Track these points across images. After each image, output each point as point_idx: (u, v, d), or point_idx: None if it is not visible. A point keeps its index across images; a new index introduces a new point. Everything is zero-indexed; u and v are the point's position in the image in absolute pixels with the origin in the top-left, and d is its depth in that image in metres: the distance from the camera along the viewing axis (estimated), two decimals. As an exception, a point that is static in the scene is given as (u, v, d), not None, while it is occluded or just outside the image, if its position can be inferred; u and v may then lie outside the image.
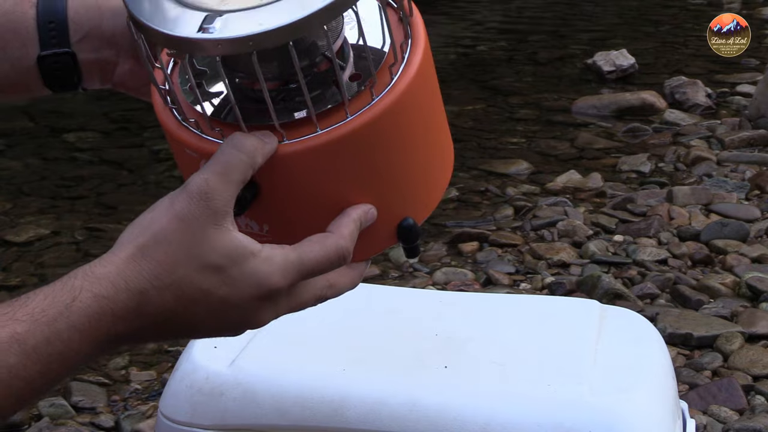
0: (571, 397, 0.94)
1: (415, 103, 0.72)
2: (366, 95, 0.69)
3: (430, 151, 0.77)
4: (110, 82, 0.79)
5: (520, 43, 5.74)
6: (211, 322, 0.66)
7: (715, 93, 4.52)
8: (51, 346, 0.61)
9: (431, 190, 0.78)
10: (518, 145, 4.04)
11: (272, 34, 0.63)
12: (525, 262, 2.86)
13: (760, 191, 3.35)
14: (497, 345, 1.01)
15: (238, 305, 0.66)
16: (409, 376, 0.96)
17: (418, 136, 0.74)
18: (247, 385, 0.98)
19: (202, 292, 0.64)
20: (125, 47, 0.77)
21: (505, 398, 0.94)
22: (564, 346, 1.02)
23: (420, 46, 0.71)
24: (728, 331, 2.38)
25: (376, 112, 0.69)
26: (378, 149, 0.70)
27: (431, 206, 0.78)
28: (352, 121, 0.68)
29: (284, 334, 1.05)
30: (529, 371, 0.98)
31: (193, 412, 0.98)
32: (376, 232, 0.73)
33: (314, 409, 0.96)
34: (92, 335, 0.62)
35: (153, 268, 0.63)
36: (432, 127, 0.76)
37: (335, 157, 0.69)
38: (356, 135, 0.68)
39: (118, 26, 0.76)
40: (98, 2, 0.77)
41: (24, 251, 3.14)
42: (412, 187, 0.75)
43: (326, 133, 0.68)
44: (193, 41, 0.64)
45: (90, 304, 0.62)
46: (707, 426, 2.06)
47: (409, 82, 0.70)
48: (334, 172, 0.70)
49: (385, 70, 0.69)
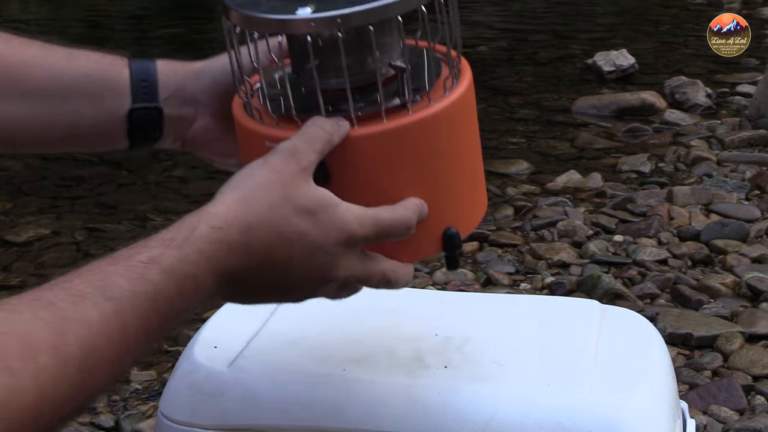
0: (571, 397, 0.94)
1: (463, 115, 0.84)
2: (425, 101, 0.81)
3: (473, 169, 0.87)
4: (183, 139, 0.91)
5: (520, 43, 5.74)
6: (301, 266, 0.74)
7: (715, 93, 4.52)
8: (183, 266, 0.68)
9: (473, 208, 0.88)
10: (518, 145, 4.04)
11: (357, 15, 0.75)
12: (525, 262, 2.86)
13: (760, 191, 3.35)
14: (497, 345, 1.01)
15: (325, 248, 0.75)
16: (409, 376, 0.96)
17: (465, 148, 0.85)
18: (247, 385, 0.98)
19: (298, 233, 0.73)
20: (203, 105, 0.89)
21: (505, 398, 0.94)
22: (564, 346, 1.02)
23: (467, 76, 0.85)
24: (728, 331, 2.38)
25: (434, 111, 0.80)
26: (432, 146, 0.81)
27: (472, 224, 0.88)
28: (413, 116, 0.79)
29: (284, 334, 1.05)
30: (529, 371, 0.97)
31: (193, 412, 0.98)
32: (424, 235, 0.82)
33: (314, 409, 0.96)
34: (213, 264, 0.69)
35: (257, 208, 0.72)
36: (475, 151, 0.87)
37: (397, 145, 0.79)
38: (416, 127, 0.79)
39: (199, 87, 0.89)
40: (182, 66, 0.90)
41: (24, 251, 3.14)
42: (459, 197, 0.85)
43: (390, 122, 0.79)
44: (288, 21, 0.76)
45: (208, 234, 0.69)
46: (707, 426, 2.06)
47: (460, 95, 0.82)
48: (395, 161, 0.80)
49: (440, 85, 0.82)
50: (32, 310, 0.60)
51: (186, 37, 6.51)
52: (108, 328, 0.62)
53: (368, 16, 0.76)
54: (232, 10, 0.79)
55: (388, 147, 0.79)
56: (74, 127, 0.87)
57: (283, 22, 0.77)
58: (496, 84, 4.89)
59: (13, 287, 2.85)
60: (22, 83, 0.85)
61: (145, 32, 6.91)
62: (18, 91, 0.85)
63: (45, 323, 0.60)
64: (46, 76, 0.85)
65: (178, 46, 6.27)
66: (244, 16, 0.78)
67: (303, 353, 1.02)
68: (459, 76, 0.84)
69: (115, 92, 0.86)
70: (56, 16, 7.74)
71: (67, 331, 0.60)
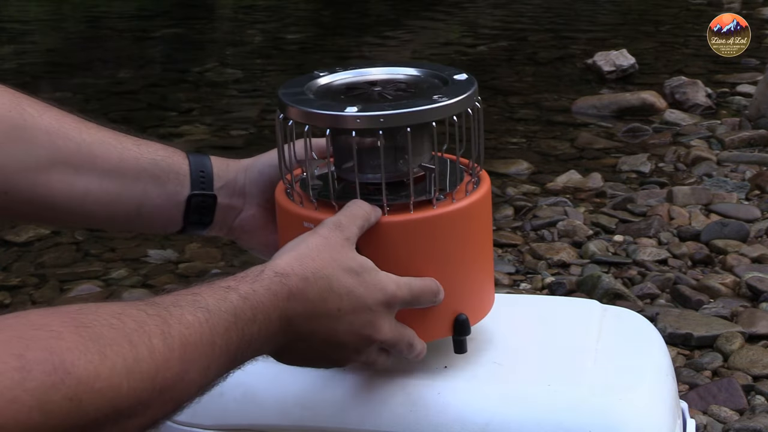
0: (571, 397, 0.94)
1: (480, 216, 0.95)
2: (448, 200, 0.93)
3: (485, 265, 0.98)
4: (230, 227, 1.02)
5: (520, 43, 5.75)
6: (348, 321, 0.83)
7: (715, 93, 4.53)
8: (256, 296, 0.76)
9: (482, 299, 0.98)
10: (518, 145, 4.04)
11: (397, 116, 0.88)
12: (525, 262, 2.86)
13: (760, 191, 3.35)
14: (497, 345, 1.01)
15: (369, 306, 0.84)
16: (409, 376, 0.96)
17: (479, 245, 0.96)
18: (248, 385, 0.98)
19: (346, 288, 0.83)
20: (250, 196, 1.01)
21: (505, 398, 0.94)
22: (564, 347, 1.02)
23: (486, 185, 0.96)
24: (728, 331, 2.38)
25: (456, 208, 0.92)
26: (451, 238, 0.92)
27: (481, 314, 0.98)
28: (436, 210, 0.91)
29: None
30: (529, 371, 0.97)
31: (193, 412, 0.98)
32: (437, 319, 0.93)
33: (315, 409, 0.96)
34: (277, 302, 0.78)
35: (311, 264, 0.82)
36: (487, 250, 0.98)
37: (420, 234, 0.91)
38: (439, 219, 0.91)
39: (248, 180, 1.01)
40: (234, 162, 1.02)
41: (24, 251, 3.14)
42: (471, 287, 0.96)
43: (416, 213, 0.91)
44: (339, 117, 0.88)
45: (272, 277, 0.79)
46: (707, 426, 2.06)
47: (479, 197, 0.94)
48: (418, 248, 0.91)
49: (462, 189, 0.94)
50: (138, 306, 0.67)
51: (186, 37, 6.51)
52: (200, 331, 0.70)
53: (407, 117, 0.88)
54: (290, 106, 0.91)
55: (413, 234, 0.91)
56: (141, 205, 0.97)
57: (334, 117, 0.89)
58: (496, 84, 4.89)
59: (13, 287, 2.85)
60: (102, 160, 0.94)
61: (146, 32, 6.91)
62: (99, 168, 0.94)
63: (151, 316, 0.67)
64: (120, 158, 0.95)
65: (178, 46, 6.27)
66: (301, 111, 0.90)
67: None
68: (479, 183, 0.96)
69: (178, 179, 0.97)
70: (56, 16, 7.74)
71: (170, 324, 0.67)
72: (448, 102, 0.90)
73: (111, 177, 0.95)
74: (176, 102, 4.87)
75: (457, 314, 0.94)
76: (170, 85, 5.13)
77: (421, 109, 0.89)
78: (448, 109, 0.91)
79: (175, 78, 5.28)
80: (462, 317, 0.94)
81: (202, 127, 4.49)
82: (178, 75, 5.33)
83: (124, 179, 0.95)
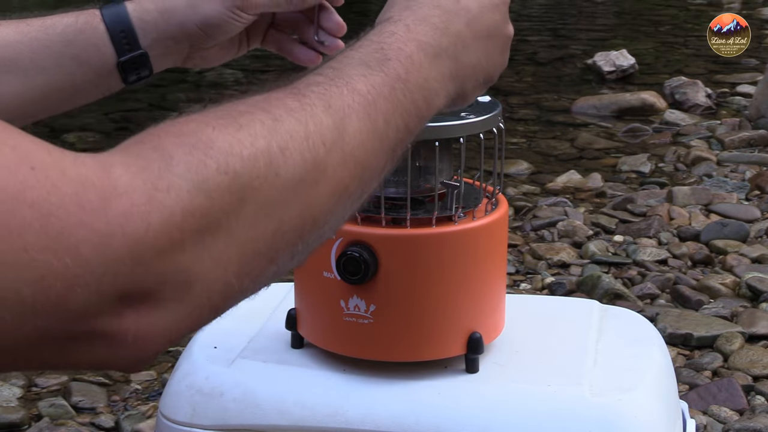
0: (571, 397, 0.94)
1: (496, 236, 0.97)
2: (468, 218, 0.96)
3: (499, 286, 0.99)
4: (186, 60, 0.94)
5: (520, 43, 5.74)
6: None
7: (715, 93, 4.52)
8: None
9: (495, 319, 0.99)
10: (518, 145, 4.04)
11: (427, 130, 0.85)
12: (525, 262, 2.85)
13: (760, 191, 3.35)
14: (497, 345, 1.01)
15: None
16: (409, 376, 0.96)
17: (494, 264, 0.97)
18: (247, 385, 0.98)
19: None
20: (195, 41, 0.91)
21: (505, 398, 0.94)
22: (564, 347, 1.02)
23: (504, 207, 1.00)
24: (728, 331, 2.38)
25: (476, 225, 0.95)
26: (469, 254, 0.94)
27: (493, 334, 0.99)
28: (457, 225, 0.95)
29: (284, 334, 1.05)
30: (529, 371, 0.98)
31: (193, 412, 0.98)
32: (452, 334, 0.94)
33: (314, 409, 0.96)
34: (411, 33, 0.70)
35: None
36: (501, 272, 0.99)
37: (440, 247, 0.93)
38: (460, 234, 0.94)
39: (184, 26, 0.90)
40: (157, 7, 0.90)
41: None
42: (486, 305, 0.97)
43: (438, 228, 0.94)
44: None
45: None
46: (707, 426, 2.06)
47: (497, 218, 0.97)
48: (438, 262, 0.93)
49: (482, 209, 0.98)
50: None
51: (186, 37, 6.50)
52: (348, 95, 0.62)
53: (436, 132, 0.91)
54: None
55: (435, 248, 0.93)
56: (74, 86, 0.91)
57: None
58: (496, 84, 4.87)
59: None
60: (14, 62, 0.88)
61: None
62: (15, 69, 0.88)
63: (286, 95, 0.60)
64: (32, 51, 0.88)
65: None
66: None
67: (303, 353, 1.02)
68: (498, 205, 1.00)
69: (98, 50, 0.90)
70: (56, 16, 7.73)
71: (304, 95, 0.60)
72: (476, 119, 0.94)
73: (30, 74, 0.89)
74: (176, 102, 4.87)
75: (471, 332, 0.95)
76: (170, 85, 5.13)
77: (451, 124, 0.92)
78: (476, 126, 0.94)
79: (175, 78, 5.27)
80: (476, 335, 0.95)
81: (202, 127, 4.49)
82: (178, 75, 5.32)
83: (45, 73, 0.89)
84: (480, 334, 0.95)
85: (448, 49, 0.72)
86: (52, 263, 0.45)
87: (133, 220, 0.47)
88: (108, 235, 0.46)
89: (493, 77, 0.81)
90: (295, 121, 0.57)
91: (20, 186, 0.45)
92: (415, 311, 0.95)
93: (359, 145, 0.61)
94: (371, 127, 0.62)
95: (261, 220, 0.54)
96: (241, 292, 0.55)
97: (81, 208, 0.46)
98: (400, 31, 0.69)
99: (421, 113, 0.67)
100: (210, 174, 0.51)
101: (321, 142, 0.58)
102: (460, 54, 0.73)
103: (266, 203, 0.54)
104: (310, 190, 0.57)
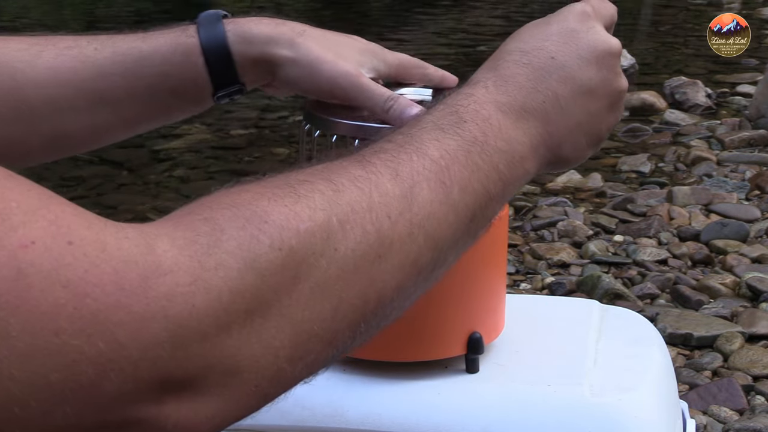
0: (571, 397, 0.94)
1: (500, 235, 0.96)
2: None
3: (500, 287, 0.98)
4: None
5: (520, 43, 5.73)
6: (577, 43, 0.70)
7: (715, 93, 4.53)
8: None
9: (495, 320, 0.99)
10: (518, 145, 4.04)
11: None
12: (525, 262, 2.86)
13: (760, 191, 3.35)
14: (497, 345, 1.01)
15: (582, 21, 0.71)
16: (409, 376, 0.96)
17: (496, 265, 0.96)
18: (247, 385, 0.98)
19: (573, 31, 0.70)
20: None
21: (505, 398, 0.94)
22: (564, 346, 1.02)
23: (505, 206, 0.96)
24: (728, 331, 2.38)
25: None
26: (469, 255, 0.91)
27: (493, 335, 0.98)
28: None
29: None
30: (529, 371, 0.98)
31: (193, 412, 0.98)
32: (453, 334, 0.94)
33: (314, 409, 0.96)
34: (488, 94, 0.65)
35: None
36: (502, 274, 0.98)
37: None
38: None
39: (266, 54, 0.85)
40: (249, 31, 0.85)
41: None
42: (487, 305, 0.96)
43: None
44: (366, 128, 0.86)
45: None
46: (707, 426, 2.06)
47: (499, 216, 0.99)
48: None
49: None
50: None
51: (186, 37, 6.50)
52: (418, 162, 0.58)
53: None
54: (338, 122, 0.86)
55: None
56: (168, 115, 0.90)
57: (361, 128, 0.86)
58: (496, 84, 4.88)
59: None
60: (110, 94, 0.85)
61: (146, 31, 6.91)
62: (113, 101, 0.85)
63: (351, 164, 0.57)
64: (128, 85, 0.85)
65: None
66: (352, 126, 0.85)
67: (303, 353, 1.02)
68: None
69: (196, 84, 0.86)
70: (55, 16, 7.74)
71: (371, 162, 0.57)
72: None
73: (124, 105, 0.86)
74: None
75: (471, 332, 0.95)
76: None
77: None
78: None
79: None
80: (476, 335, 0.94)
81: (202, 127, 4.49)
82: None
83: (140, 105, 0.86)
84: (480, 334, 0.95)
85: (536, 110, 0.66)
86: (83, 348, 0.42)
87: (176, 302, 0.44)
88: (147, 319, 0.43)
89: (602, 137, 0.74)
90: (358, 191, 0.53)
91: (55, 264, 0.41)
92: (415, 311, 0.94)
93: (430, 216, 0.56)
94: (444, 196, 0.57)
95: (317, 300, 0.50)
96: (295, 378, 0.52)
97: (120, 288, 0.43)
98: (479, 92, 0.65)
99: (505, 178, 0.62)
100: (263, 250, 0.48)
101: (386, 214, 0.54)
102: (553, 114, 0.67)
103: (323, 281, 0.50)
104: (372, 266, 0.53)
